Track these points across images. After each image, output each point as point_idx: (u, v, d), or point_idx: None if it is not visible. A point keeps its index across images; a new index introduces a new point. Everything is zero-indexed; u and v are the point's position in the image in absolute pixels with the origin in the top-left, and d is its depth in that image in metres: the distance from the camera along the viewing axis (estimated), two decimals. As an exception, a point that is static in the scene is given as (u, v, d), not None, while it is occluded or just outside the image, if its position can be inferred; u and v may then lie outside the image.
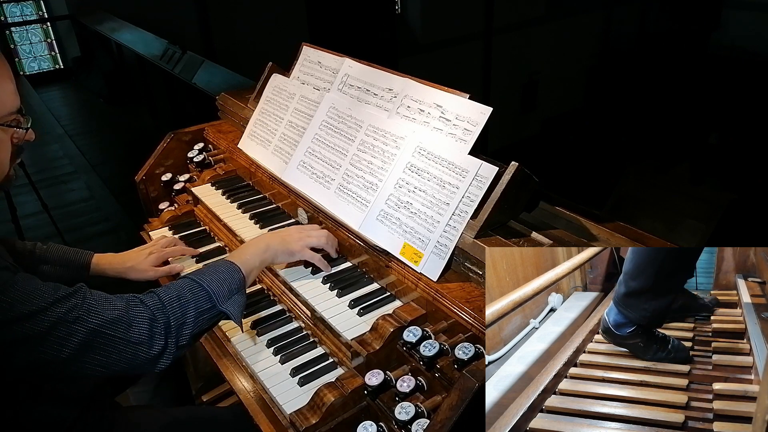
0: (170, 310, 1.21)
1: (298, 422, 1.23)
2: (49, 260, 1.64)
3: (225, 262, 1.37)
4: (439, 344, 1.22)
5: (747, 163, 7.76)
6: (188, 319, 1.23)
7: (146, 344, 1.15)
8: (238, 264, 1.36)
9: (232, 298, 1.31)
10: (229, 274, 1.33)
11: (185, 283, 1.28)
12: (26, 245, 1.64)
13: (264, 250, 1.46)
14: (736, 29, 10.46)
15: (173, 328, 1.20)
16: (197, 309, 1.24)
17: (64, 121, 6.67)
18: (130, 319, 1.15)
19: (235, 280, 1.33)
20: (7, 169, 1.25)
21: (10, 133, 1.22)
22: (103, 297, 1.17)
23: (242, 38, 6.32)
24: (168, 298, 1.22)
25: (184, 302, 1.23)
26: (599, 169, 8.14)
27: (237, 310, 1.32)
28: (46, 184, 4.82)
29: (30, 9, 7.85)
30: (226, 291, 1.30)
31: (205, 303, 1.26)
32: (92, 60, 7.63)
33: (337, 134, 1.72)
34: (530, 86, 10.25)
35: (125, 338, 1.13)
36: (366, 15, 7.09)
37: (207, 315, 1.27)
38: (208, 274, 1.31)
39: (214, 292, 1.27)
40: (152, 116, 6.66)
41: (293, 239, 1.52)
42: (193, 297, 1.25)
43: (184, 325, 1.22)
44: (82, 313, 1.10)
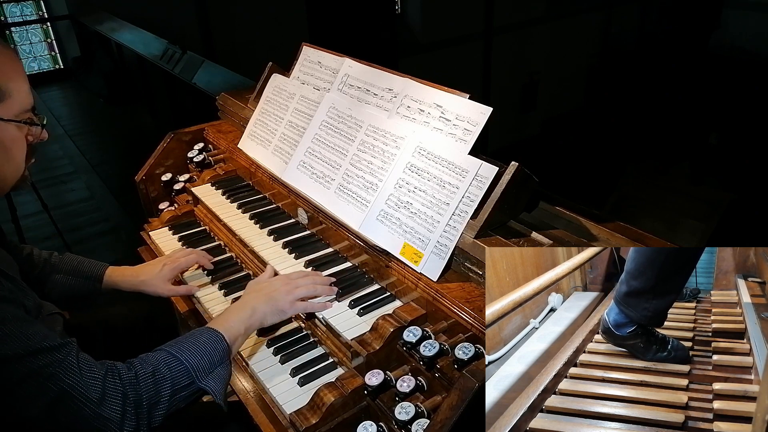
0: (143, 388, 1.10)
1: (298, 422, 1.23)
2: (63, 270, 1.62)
3: (207, 330, 1.26)
4: (439, 344, 1.22)
5: (747, 163, 7.76)
6: (162, 397, 1.12)
7: (116, 422, 1.06)
8: (221, 332, 1.25)
9: (214, 372, 1.20)
10: (210, 345, 1.21)
11: (161, 357, 1.17)
12: (42, 254, 1.64)
13: (250, 314, 1.34)
14: (736, 29, 10.46)
15: (144, 407, 1.09)
16: (173, 386, 1.14)
17: (64, 121, 6.67)
18: (105, 391, 1.06)
19: (217, 351, 1.21)
20: (22, 168, 1.24)
21: (24, 132, 1.22)
22: (84, 359, 1.09)
23: (242, 38, 6.31)
24: (143, 374, 1.12)
25: (159, 378, 1.12)
26: (599, 169, 8.14)
27: (219, 385, 1.20)
28: (46, 184, 4.83)
29: (30, 9, 7.85)
30: (206, 364, 1.18)
31: (183, 379, 1.15)
32: (92, 60, 7.63)
33: (337, 134, 1.72)
34: (530, 86, 10.24)
35: (96, 411, 1.04)
36: (366, 15, 7.08)
37: (184, 393, 1.16)
38: (186, 344, 1.20)
39: (193, 367, 1.16)
40: (152, 116, 6.65)
41: (280, 295, 1.40)
42: (170, 373, 1.14)
43: (158, 405, 1.11)
44: (59, 371, 1.03)
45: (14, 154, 1.20)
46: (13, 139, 1.19)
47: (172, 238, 1.96)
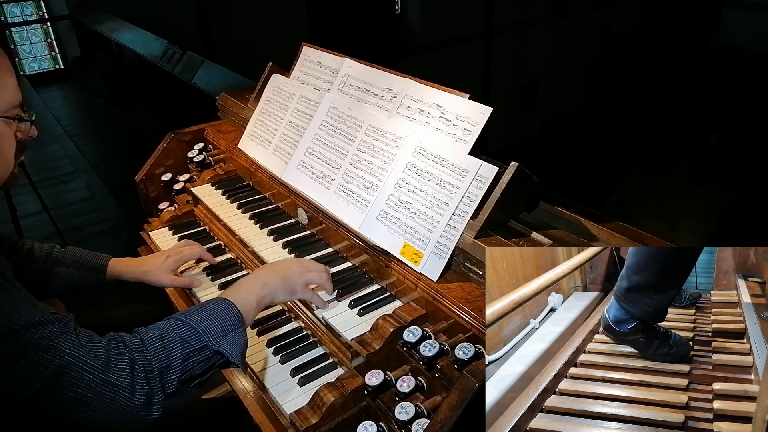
0: (151, 352, 1.08)
1: (298, 422, 1.23)
2: (66, 262, 1.62)
3: (216, 299, 1.25)
4: (439, 344, 1.22)
5: (747, 163, 7.76)
6: (174, 361, 1.09)
7: (127, 388, 1.03)
8: (231, 300, 1.24)
9: (228, 336, 1.17)
10: (221, 310, 1.20)
11: (169, 323, 1.15)
12: (44, 248, 1.63)
13: (261, 286, 1.32)
14: (736, 29, 10.46)
15: (156, 371, 1.06)
16: (184, 349, 1.11)
17: (64, 121, 6.67)
18: (109, 357, 1.04)
19: (229, 317, 1.19)
20: (12, 165, 1.22)
21: (13, 128, 1.20)
22: (85, 332, 1.06)
23: (242, 38, 6.32)
24: (150, 337, 1.10)
25: (167, 342, 1.10)
26: (599, 169, 8.14)
27: (235, 349, 1.18)
28: (46, 184, 4.82)
29: (30, 9, 7.85)
30: (218, 328, 1.16)
31: (194, 342, 1.13)
32: (92, 60, 7.62)
33: (337, 134, 1.72)
34: (530, 86, 10.25)
35: (102, 378, 1.02)
36: (366, 15, 7.08)
37: (198, 356, 1.13)
38: (195, 312, 1.19)
39: (204, 329, 1.14)
40: (152, 116, 6.66)
41: (294, 275, 1.38)
42: (179, 336, 1.12)
43: (170, 369, 1.08)
44: (58, 343, 1.00)
45: (3, 150, 1.19)
46: (1, 135, 1.17)
47: (172, 238, 1.95)
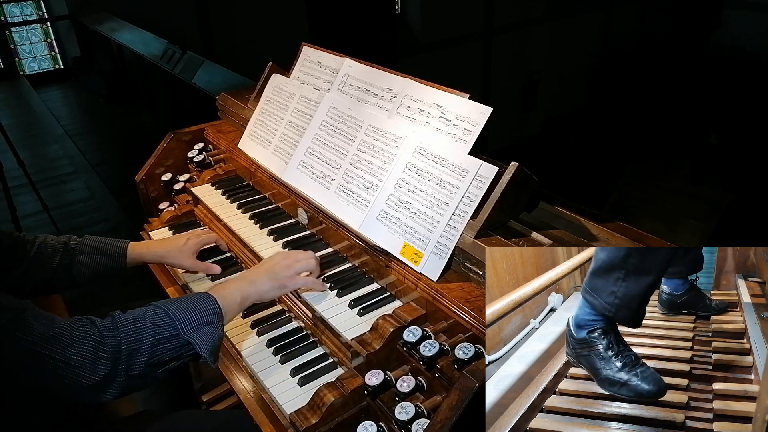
0: (122, 334, 1.11)
1: (298, 422, 1.23)
2: (86, 250, 1.61)
3: (200, 293, 1.29)
4: (439, 344, 1.22)
5: (747, 163, 7.76)
6: (144, 345, 1.12)
7: (88, 368, 1.05)
8: (214, 296, 1.28)
9: (202, 329, 1.20)
10: (201, 304, 1.23)
11: (147, 309, 1.19)
12: (60, 239, 1.61)
13: (248, 284, 1.36)
14: (736, 29, 10.46)
15: (123, 353, 1.09)
16: (155, 335, 1.14)
17: (64, 121, 6.67)
18: (72, 339, 1.05)
19: (207, 311, 1.22)
20: None
21: None
22: (45, 315, 1.07)
23: (242, 38, 6.32)
24: (123, 320, 1.14)
25: (140, 326, 1.14)
26: (599, 169, 8.14)
27: (206, 343, 1.20)
28: (46, 184, 4.82)
29: (30, 9, 7.85)
30: (194, 320, 1.19)
31: (167, 329, 1.16)
32: (92, 60, 7.63)
33: (337, 134, 1.72)
34: (530, 86, 10.25)
35: (63, 359, 1.03)
36: (366, 15, 7.08)
37: (168, 344, 1.16)
38: (175, 301, 1.22)
39: (178, 319, 1.17)
40: (152, 116, 6.66)
41: (281, 270, 1.41)
42: (152, 322, 1.16)
43: (139, 352, 1.11)
44: (15, 329, 1.02)
45: None
46: None
47: (172, 238, 1.95)
